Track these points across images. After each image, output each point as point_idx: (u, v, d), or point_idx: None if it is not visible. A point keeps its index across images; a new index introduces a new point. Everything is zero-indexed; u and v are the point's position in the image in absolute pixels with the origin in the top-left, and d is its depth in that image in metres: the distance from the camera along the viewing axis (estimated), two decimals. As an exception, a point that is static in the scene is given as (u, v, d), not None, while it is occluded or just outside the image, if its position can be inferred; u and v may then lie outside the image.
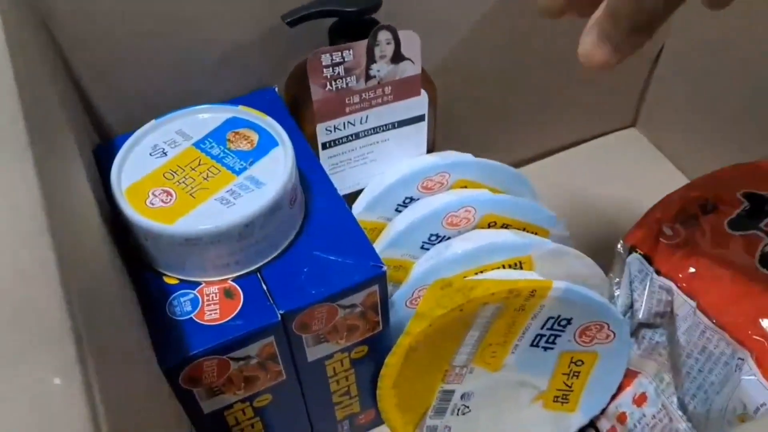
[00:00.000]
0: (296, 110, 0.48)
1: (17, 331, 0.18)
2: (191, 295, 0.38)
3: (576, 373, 0.48)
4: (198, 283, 0.39)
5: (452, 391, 0.47)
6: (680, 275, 0.44)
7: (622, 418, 0.49)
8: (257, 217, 0.37)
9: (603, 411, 0.50)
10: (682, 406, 0.45)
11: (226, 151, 0.40)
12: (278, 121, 0.46)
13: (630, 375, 0.49)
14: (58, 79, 0.41)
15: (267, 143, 0.41)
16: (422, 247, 0.48)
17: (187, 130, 0.41)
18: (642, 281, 0.46)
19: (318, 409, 0.47)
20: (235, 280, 0.39)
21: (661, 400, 0.46)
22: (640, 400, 0.48)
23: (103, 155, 0.44)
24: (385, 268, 0.40)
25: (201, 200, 0.37)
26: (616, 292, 0.49)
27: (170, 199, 0.37)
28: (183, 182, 0.38)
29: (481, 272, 0.46)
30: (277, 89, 0.50)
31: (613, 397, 0.49)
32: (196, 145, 0.40)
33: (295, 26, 0.43)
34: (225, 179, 0.39)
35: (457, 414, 0.48)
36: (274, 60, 0.49)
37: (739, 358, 0.40)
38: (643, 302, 0.46)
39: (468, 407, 0.48)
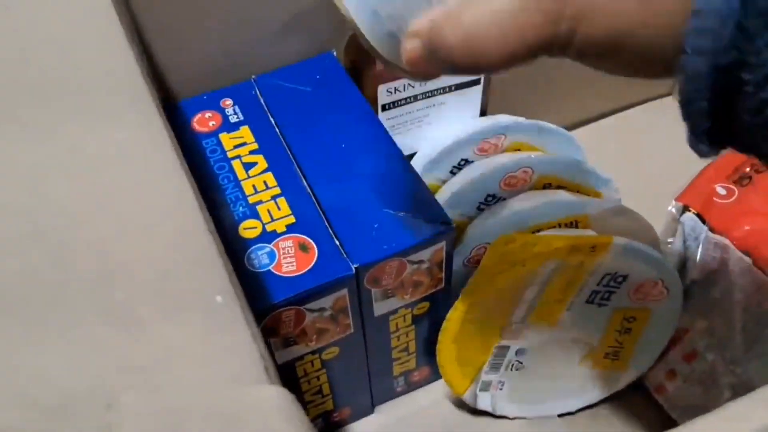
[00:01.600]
0: (356, 74, 0.49)
1: (180, 253, 0.20)
2: (267, 249, 0.40)
3: (628, 330, 0.49)
4: (273, 237, 0.40)
5: (508, 347, 0.48)
6: (735, 233, 0.45)
7: (670, 375, 0.51)
8: None
9: (652, 367, 0.51)
10: (734, 362, 0.46)
11: None
12: (337, 84, 0.47)
13: (679, 332, 0.50)
14: (132, 39, 0.42)
15: None
16: (478, 208, 0.49)
17: None
18: (695, 239, 0.47)
19: (378, 363, 0.48)
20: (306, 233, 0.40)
21: (711, 356, 0.48)
22: (689, 356, 0.49)
23: (171, 117, 0.46)
24: (453, 224, 0.41)
25: None
26: (669, 251, 0.50)
27: None
28: None
29: (538, 231, 0.47)
30: (335, 53, 0.51)
31: (663, 353, 0.51)
32: None
33: None
34: None
35: (511, 369, 0.50)
36: (332, 25, 0.50)
37: (796, 312, 0.41)
38: (697, 259, 0.47)
39: (522, 363, 0.50)
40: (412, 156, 0.53)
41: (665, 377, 0.51)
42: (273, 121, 0.46)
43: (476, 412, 0.52)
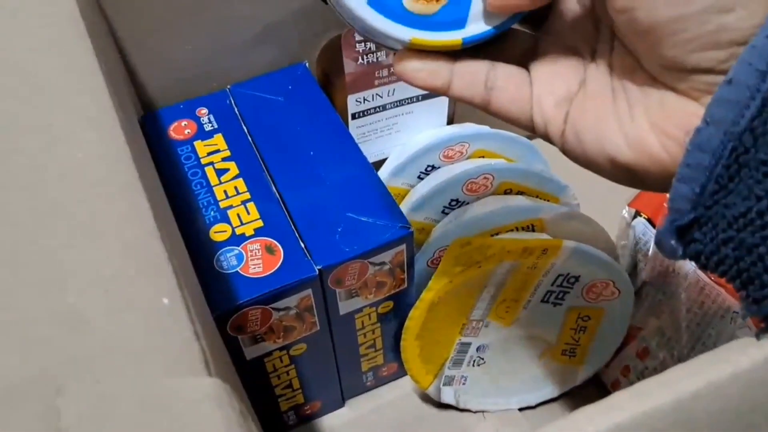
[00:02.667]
0: (327, 84, 0.52)
1: (130, 259, 0.22)
2: (236, 251, 0.42)
3: (583, 328, 0.52)
4: (242, 240, 0.43)
5: (469, 344, 0.51)
6: (681, 237, 0.48)
7: (625, 371, 0.53)
8: None
9: (608, 364, 0.54)
10: (681, 359, 0.49)
11: None
12: (308, 94, 0.50)
13: (633, 331, 0.53)
14: (109, 49, 0.44)
15: None
16: (443, 212, 0.52)
17: None
18: (646, 243, 0.50)
19: (346, 359, 0.51)
20: (274, 237, 0.43)
21: (662, 354, 0.50)
22: (642, 354, 0.52)
23: (149, 125, 0.48)
24: (412, 228, 0.44)
25: None
26: (621, 254, 0.52)
27: None
28: None
29: (497, 234, 0.50)
30: (307, 64, 0.53)
31: (618, 351, 0.53)
32: None
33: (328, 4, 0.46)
34: None
35: (473, 365, 0.52)
36: (305, 37, 0.53)
37: (734, 312, 0.44)
38: (647, 262, 0.50)
39: (483, 359, 0.52)
40: (381, 162, 0.55)
41: (620, 373, 0.54)
42: (246, 130, 0.49)
43: (441, 405, 0.54)
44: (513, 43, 0.31)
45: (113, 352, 0.19)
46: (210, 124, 0.49)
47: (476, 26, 0.29)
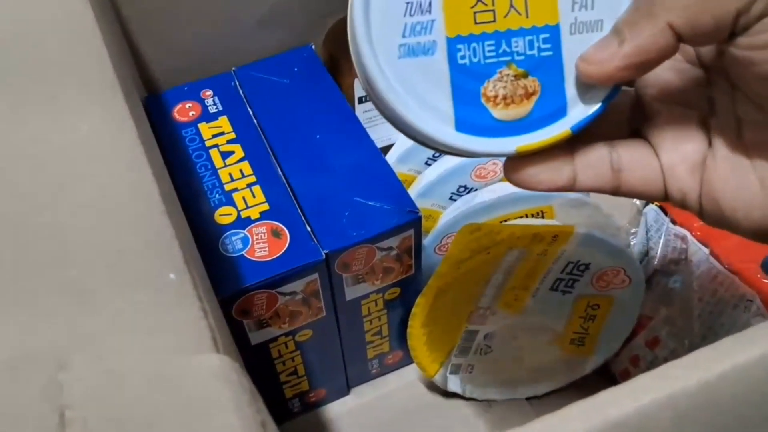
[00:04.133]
0: (334, 66, 0.51)
1: (136, 234, 0.22)
2: (242, 234, 0.42)
3: (592, 317, 0.51)
4: (247, 223, 0.42)
5: (476, 332, 0.50)
6: (695, 224, 0.47)
7: (634, 361, 0.53)
8: None
9: (617, 354, 0.53)
10: (692, 348, 0.48)
11: None
12: (315, 77, 0.49)
13: (643, 320, 0.52)
14: (115, 30, 0.44)
15: None
16: (451, 198, 0.51)
17: None
18: (657, 230, 0.49)
19: (352, 346, 0.50)
20: (281, 221, 0.42)
21: (672, 344, 0.50)
22: (652, 343, 0.51)
23: (153, 107, 0.47)
24: (420, 213, 0.43)
25: None
26: (632, 242, 0.52)
27: None
28: None
29: (506, 221, 0.49)
30: (313, 47, 0.52)
31: (627, 340, 0.53)
32: None
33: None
34: None
35: (480, 353, 0.52)
36: (311, 18, 0.52)
37: (748, 300, 0.43)
38: (659, 250, 0.49)
39: (490, 347, 0.52)
40: (388, 147, 0.54)
41: (630, 363, 0.53)
42: (251, 112, 0.48)
43: (447, 394, 0.54)
44: (617, 108, 0.29)
45: (119, 327, 0.19)
46: (215, 106, 0.48)
47: (579, 109, 0.26)
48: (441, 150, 0.27)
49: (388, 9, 0.24)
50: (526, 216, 0.49)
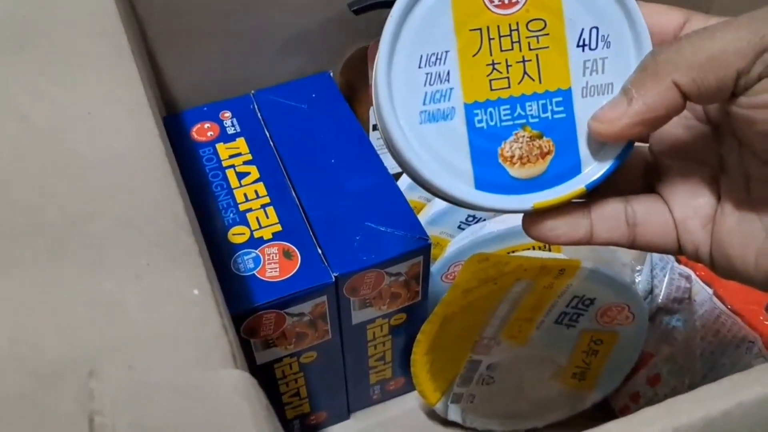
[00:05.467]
0: (350, 94, 0.52)
1: (163, 250, 0.22)
2: (253, 254, 0.42)
3: (595, 352, 0.51)
4: (260, 244, 0.43)
5: (479, 361, 0.51)
6: (699, 264, 0.48)
7: (635, 397, 0.53)
8: None
9: (618, 389, 0.54)
10: (693, 387, 0.48)
11: None
12: (332, 103, 0.50)
13: (645, 357, 0.52)
14: (141, 50, 0.45)
15: None
16: (459, 227, 0.52)
17: None
18: (662, 269, 0.50)
19: (355, 370, 0.50)
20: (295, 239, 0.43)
21: (673, 382, 0.50)
22: (653, 380, 0.52)
23: (171, 126, 0.48)
24: (430, 240, 0.44)
25: None
26: (637, 279, 0.52)
27: None
28: None
29: (514, 251, 0.49)
30: (332, 73, 0.53)
31: (628, 377, 0.53)
32: None
33: (360, 14, 0.46)
34: None
35: (482, 384, 0.52)
36: (331, 47, 0.53)
37: (750, 342, 0.44)
38: (663, 288, 0.50)
39: (492, 378, 0.52)
40: (400, 174, 0.55)
41: (630, 399, 0.53)
42: (268, 135, 0.49)
43: (447, 423, 0.54)
44: (631, 164, 0.30)
45: (148, 340, 0.19)
46: (233, 128, 0.49)
47: (594, 167, 0.27)
48: (462, 206, 0.28)
49: (409, 79, 0.26)
50: (534, 248, 0.49)
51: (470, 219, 0.51)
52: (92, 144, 0.25)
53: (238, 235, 0.43)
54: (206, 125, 0.49)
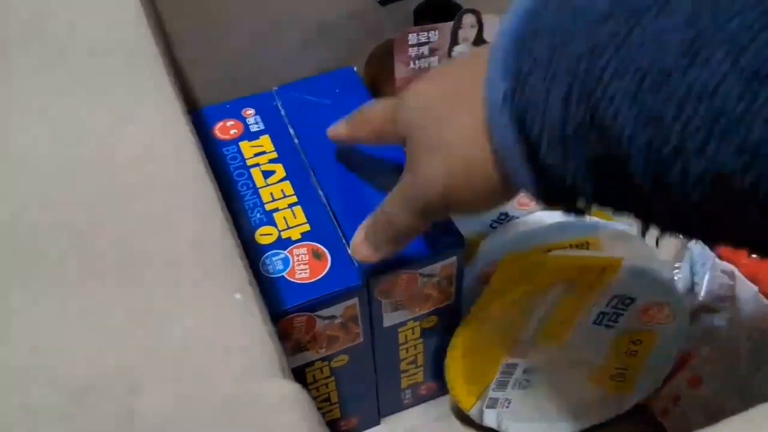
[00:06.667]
0: (375, 88, 0.50)
1: (203, 253, 0.21)
2: (282, 255, 0.41)
3: (634, 352, 0.49)
4: (288, 244, 0.41)
5: (515, 365, 0.49)
6: (742, 260, 0.46)
7: (675, 400, 0.51)
8: None
9: (657, 391, 0.52)
10: (739, 389, 0.46)
11: None
12: (357, 98, 0.49)
13: (685, 357, 0.50)
14: (161, 46, 0.43)
15: None
16: (491, 225, 0.50)
17: None
18: (703, 265, 0.48)
19: (386, 374, 0.49)
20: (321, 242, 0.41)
21: (715, 383, 0.48)
22: (694, 382, 0.50)
23: (193, 123, 0.47)
24: (465, 240, 0.42)
25: None
26: (677, 276, 0.50)
27: None
28: None
29: (549, 251, 0.47)
30: (356, 68, 0.52)
31: (668, 378, 0.51)
32: None
33: (386, 5, 0.45)
34: None
35: (518, 388, 0.50)
36: (355, 40, 0.51)
37: (802, 341, 0.42)
38: (704, 285, 0.48)
39: (528, 381, 0.50)
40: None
41: (670, 401, 0.51)
42: (292, 132, 0.47)
43: (482, 428, 0.52)
44: None
45: (189, 350, 0.18)
46: (256, 125, 0.47)
47: None
48: None
49: None
50: (570, 247, 0.48)
51: (502, 217, 0.50)
52: (123, 141, 0.23)
53: (265, 235, 0.41)
54: (229, 123, 0.47)
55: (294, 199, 0.43)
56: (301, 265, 0.40)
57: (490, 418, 0.51)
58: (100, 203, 0.21)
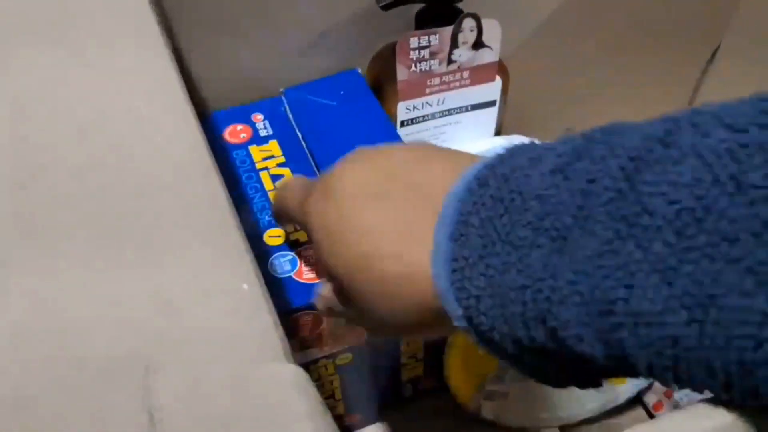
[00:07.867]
0: (378, 90, 0.52)
1: (211, 245, 0.22)
2: (290, 257, 0.42)
3: (629, 348, 0.51)
4: (296, 246, 0.43)
5: (513, 359, 0.50)
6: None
7: (668, 393, 0.53)
8: None
9: (650, 384, 0.53)
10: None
11: None
12: (361, 99, 0.50)
13: (679, 352, 0.52)
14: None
15: None
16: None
17: None
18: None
19: (387, 369, 0.50)
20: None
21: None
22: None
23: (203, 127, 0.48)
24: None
25: None
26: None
27: None
28: None
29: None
30: (360, 70, 0.53)
31: (662, 371, 0.53)
32: None
33: (388, 10, 0.46)
34: None
35: (515, 380, 0.52)
36: (358, 43, 0.53)
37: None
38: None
39: (526, 375, 0.52)
40: (428, 171, 0.55)
41: (663, 394, 0.53)
42: (300, 135, 0.49)
43: (480, 420, 0.54)
44: None
45: (202, 336, 0.20)
46: (265, 130, 0.49)
47: None
48: None
49: None
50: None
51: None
52: (134, 138, 0.25)
53: (274, 237, 0.43)
54: (239, 127, 0.49)
55: (300, 200, 0.45)
56: (308, 266, 0.42)
57: (488, 410, 0.52)
58: (115, 196, 0.23)
